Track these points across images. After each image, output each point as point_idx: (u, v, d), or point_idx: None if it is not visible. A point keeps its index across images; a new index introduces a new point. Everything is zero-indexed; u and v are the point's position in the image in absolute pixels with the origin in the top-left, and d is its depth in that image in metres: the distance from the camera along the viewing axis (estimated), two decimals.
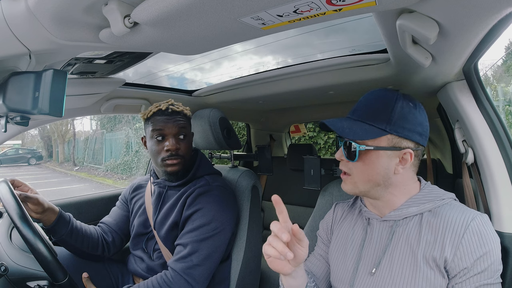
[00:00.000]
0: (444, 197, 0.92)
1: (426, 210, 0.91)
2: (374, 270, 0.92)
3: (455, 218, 0.86)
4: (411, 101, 0.93)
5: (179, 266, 1.29)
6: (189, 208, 1.38)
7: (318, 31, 2.06)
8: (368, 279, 0.93)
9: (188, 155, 1.46)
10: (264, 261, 2.22)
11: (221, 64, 2.56)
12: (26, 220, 1.07)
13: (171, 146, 1.38)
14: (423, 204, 0.91)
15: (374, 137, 0.89)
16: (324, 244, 1.15)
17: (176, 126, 1.41)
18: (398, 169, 0.91)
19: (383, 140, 0.90)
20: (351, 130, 0.90)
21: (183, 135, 1.43)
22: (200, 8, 0.66)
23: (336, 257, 1.06)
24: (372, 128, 0.90)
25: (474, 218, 0.84)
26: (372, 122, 0.91)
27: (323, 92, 1.86)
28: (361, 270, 0.96)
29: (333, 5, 0.65)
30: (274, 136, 3.33)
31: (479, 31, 0.74)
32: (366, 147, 0.89)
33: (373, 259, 0.94)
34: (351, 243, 1.03)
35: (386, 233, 0.95)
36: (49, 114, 0.84)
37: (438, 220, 0.87)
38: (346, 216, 1.11)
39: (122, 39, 0.81)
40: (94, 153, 15.62)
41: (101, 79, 1.49)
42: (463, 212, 0.87)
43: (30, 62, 0.95)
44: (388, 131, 0.89)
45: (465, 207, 0.90)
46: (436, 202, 0.91)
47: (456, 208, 0.89)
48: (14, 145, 17.14)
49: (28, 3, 0.67)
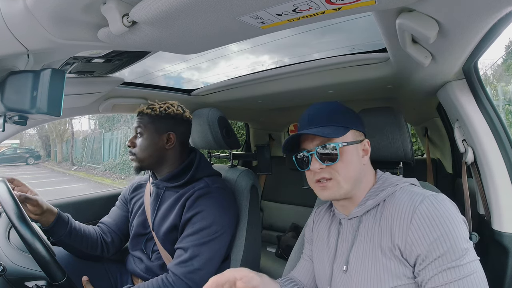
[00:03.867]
0: (398, 183, 0.93)
1: (381, 200, 0.91)
2: (345, 267, 0.94)
3: (402, 203, 0.85)
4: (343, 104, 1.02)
5: (181, 271, 1.28)
6: (188, 210, 1.37)
7: (315, 30, 2.05)
8: (342, 277, 0.95)
9: (142, 154, 1.45)
10: (263, 261, 2.23)
11: (218, 64, 2.56)
12: (24, 220, 1.07)
13: (128, 142, 1.49)
14: (378, 195, 0.92)
15: (343, 134, 0.93)
16: (310, 245, 1.18)
17: (135, 123, 1.48)
18: (365, 159, 0.97)
19: (349, 136, 0.95)
20: (324, 133, 0.91)
21: (139, 134, 1.47)
22: (199, 7, 0.65)
23: (316, 258, 1.09)
24: (338, 128, 0.94)
25: (423, 200, 0.82)
26: (334, 123, 0.95)
27: (322, 92, 1.86)
28: (336, 269, 0.98)
29: (333, 4, 0.65)
30: (273, 136, 3.32)
31: (479, 30, 0.74)
32: (342, 143, 0.92)
33: (344, 258, 0.96)
34: (327, 244, 1.05)
35: (352, 230, 0.97)
36: (47, 113, 0.83)
37: (389, 208, 0.88)
38: (322, 218, 1.14)
39: (120, 38, 0.81)
40: (93, 152, 15.61)
41: (99, 78, 1.48)
42: (412, 195, 0.85)
43: (28, 61, 0.95)
44: (350, 127, 0.95)
45: (417, 190, 0.88)
46: (389, 190, 0.91)
47: (407, 193, 0.87)
48: (12, 145, 17.11)
49: (26, 2, 0.67)
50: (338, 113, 0.97)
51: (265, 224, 2.95)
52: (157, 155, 1.46)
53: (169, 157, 1.49)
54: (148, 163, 1.46)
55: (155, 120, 1.46)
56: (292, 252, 1.38)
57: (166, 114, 1.48)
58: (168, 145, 1.47)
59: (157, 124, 1.46)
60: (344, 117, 0.96)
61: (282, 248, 2.45)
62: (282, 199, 2.92)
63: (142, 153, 1.45)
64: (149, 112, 1.46)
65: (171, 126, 1.49)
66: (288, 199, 2.86)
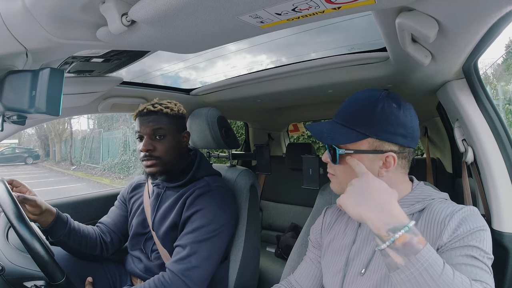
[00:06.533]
0: (434, 197, 0.90)
1: (416, 211, 0.88)
2: (364, 270, 0.91)
3: (441, 211, 0.83)
4: (395, 101, 0.89)
5: (177, 268, 1.28)
6: (188, 209, 1.37)
7: (314, 30, 2.06)
8: (357, 279, 0.92)
9: (168, 157, 1.41)
10: (263, 261, 2.22)
11: (215, 63, 2.57)
12: (23, 220, 1.06)
13: (144, 146, 1.38)
14: (413, 205, 0.89)
15: (353, 141, 0.87)
16: (314, 248, 1.15)
17: (151, 126, 1.39)
18: (382, 172, 0.88)
19: (364, 144, 0.87)
20: (329, 135, 0.90)
21: (160, 136, 1.40)
22: (198, 6, 0.65)
23: (327, 260, 1.05)
24: (352, 132, 0.88)
25: (462, 208, 0.82)
26: (353, 126, 0.89)
27: (322, 91, 1.86)
28: (351, 271, 0.95)
29: (332, 3, 0.65)
30: (273, 135, 3.32)
31: (479, 30, 0.74)
32: (346, 151, 0.88)
33: (362, 260, 0.93)
34: (342, 246, 1.02)
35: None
36: (46, 113, 0.83)
37: (425, 216, 0.86)
38: (336, 219, 1.10)
39: (119, 37, 0.81)
40: (91, 152, 15.57)
41: (98, 77, 1.47)
42: (452, 206, 0.84)
43: (27, 61, 0.94)
44: (368, 134, 0.86)
45: (456, 204, 0.87)
46: (426, 202, 0.89)
47: (446, 204, 0.86)
48: (11, 144, 17.05)
49: (25, 1, 0.66)
50: (367, 115, 0.87)
51: (264, 224, 2.95)
52: (178, 156, 1.46)
53: (182, 156, 1.50)
54: (171, 165, 1.44)
55: (175, 119, 1.45)
56: (292, 252, 1.37)
57: (182, 114, 1.49)
58: (184, 144, 1.49)
59: (176, 124, 1.46)
60: (371, 121, 0.87)
61: (281, 248, 2.45)
62: (282, 199, 2.92)
63: (168, 155, 1.41)
64: (169, 112, 1.42)
65: (185, 126, 1.53)
66: (287, 199, 2.86)
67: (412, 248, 0.66)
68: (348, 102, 0.94)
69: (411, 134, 0.89)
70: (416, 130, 0.90)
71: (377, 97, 0.88)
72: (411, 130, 0.88)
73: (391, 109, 0.87)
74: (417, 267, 0.64)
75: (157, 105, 1.42)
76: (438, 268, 0.64)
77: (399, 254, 0.67)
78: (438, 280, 0.63)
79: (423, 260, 0.64)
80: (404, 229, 0.67)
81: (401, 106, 0.88)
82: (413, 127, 0.89)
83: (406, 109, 0.89)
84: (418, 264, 0.64)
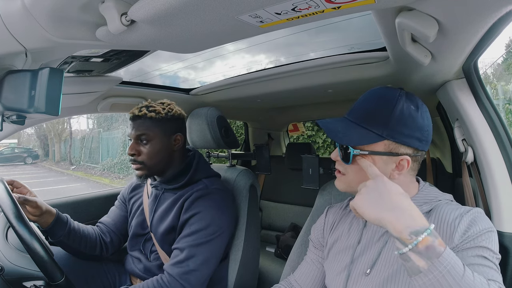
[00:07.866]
0: (441, 198, 0.90)
1: (424, 212, 0.87)
2: (369, 270, 0.91)
3: (449, 212, 0.83)
4: (413, 103, 0.88)
5: (176, 271, 1.28)
6: (186, 212, 1.36)
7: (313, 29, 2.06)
8: (362, 279, 0.92)
9: (152, 161, 1.39)
10: (262, 261, 2.22)
11: (214, 63, 2.57)
12: (22, 220, 1.06)
13: (129, 150, 1.38)
14: (421, 206, 0.88)
15: (370, 143, 0.86)
16: (316, 248, 1.14)
17: (135, 131, 1.38)
18: (394, 174, 0.87)
19: (379, 145, 0.86)
20: (345, 135, 0.88)
21: (144, 140, 1.38)
22: (197, 6, 0.65)
23: (331, 260, 1.04)
24: (368, 133, 0.87)
25: (470, 210, 0.83)
26: (369, 126, 0.87)
27: (322, 91, 1.86)
28: (355, 271, 0.94)
29: (332, 3, 0.65)
30: (272, 135, 3.32)
31: (479, 29, 0.74)
32: (360, 151, 0.86)
33: (367, 260, 0.93)
34: (346, 246, 1.01)
35: (380, 234, 0.93)
36: (45, 112, 0.83)
37: (433, 218, 0.85)
38: (340, 219, 1.09)
39: (119, 37, 0.81)
40: (91, 152, 15.57)
41: (97, 77, 1.47)
42: (459, 208, 0.85)
43: (26, 61, 0.94)
44: (385, 136, 0.85)
45: (462, 206, 0.88)
46: (432, 203, 0.89)
47: (453, 205, 0.87)
48: (10, 144, 17.03)
49: (24, 1, 0.66)
50: (385, 117, 0.86)
51: (264, 224, 2.95)
52: (166, 159, 1.43)
53: (175, 159, 1.47)
54: (157, 169, 1.43)
55: (161, 123, 1.41)
56: (292, 252, 1.37)
57: (172, 116, 1.44)
58: (176, 147, 1.45)
59: (163, 127, 1.41)
60: (388, 122, 0.85)
61: (281, 248, 2.45)
62: (281, 199, 2.92)
63: (151, 160, 1.39)
64: (153, 115, 1.38)
65: (178, 128, 1.47)
66: (287, 199, 2.86)
67: (434, 250, 0.65)
68: (364, 99, 0.93)
69: (426, 138, 0.88)
70: (431, 133, 0.90)
71: (395, 97, 0.87)
72: (427, 133, 0.88)
73: (409, 111, 0.86)
74: (440, 269, 0.63)
75: (143, 109, 1.39)
76: (460, 270, 0.64)
77: (422, 258, 0.65)
78: (461, 281, 0.63)
79: (446, 262, 0.64)
80: (426, 231, 0.66)
81: (419, 108, 0.88)
82: (428, 131, 0.89)
83: (424, 111, 0.88)
84: (441, 267, 0.63)
